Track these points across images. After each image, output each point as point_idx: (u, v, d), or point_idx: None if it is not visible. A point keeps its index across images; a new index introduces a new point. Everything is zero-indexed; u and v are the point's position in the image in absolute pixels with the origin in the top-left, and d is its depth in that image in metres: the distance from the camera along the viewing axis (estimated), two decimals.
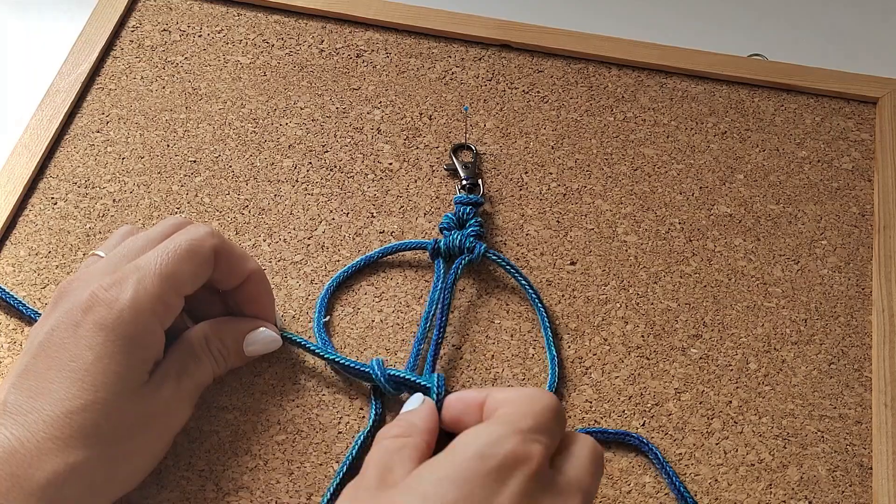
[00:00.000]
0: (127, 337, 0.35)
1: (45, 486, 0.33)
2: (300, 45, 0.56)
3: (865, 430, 0.43)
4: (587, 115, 0.54)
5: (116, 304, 0.35)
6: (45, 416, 0.33)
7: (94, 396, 0.34)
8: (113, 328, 0.35)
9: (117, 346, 0.35)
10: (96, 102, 0.53)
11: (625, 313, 0.46)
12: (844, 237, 0.50)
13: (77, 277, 0.38)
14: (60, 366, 0.34)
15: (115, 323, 0.35)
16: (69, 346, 0.35)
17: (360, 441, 0.40)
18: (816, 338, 0.46)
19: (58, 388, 0.34)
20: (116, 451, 0.35)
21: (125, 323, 0.35)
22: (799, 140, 0.53)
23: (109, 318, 0.35)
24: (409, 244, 0.47)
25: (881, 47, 0.62)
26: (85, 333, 0.35)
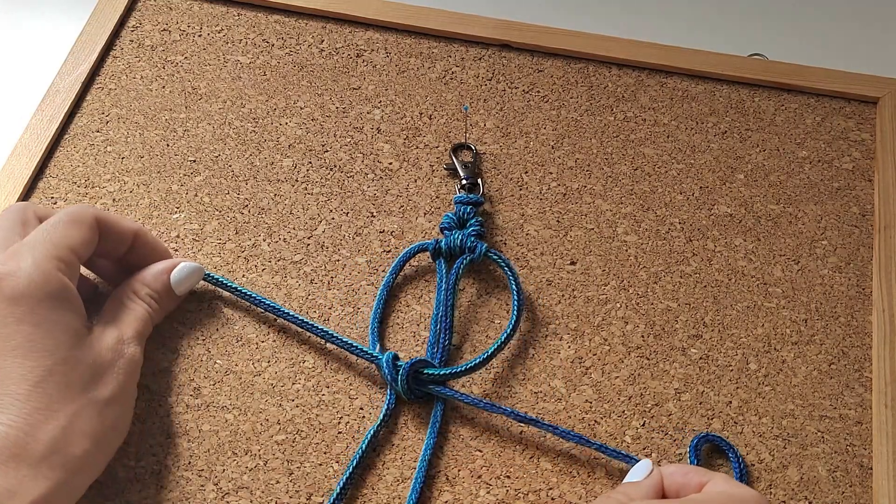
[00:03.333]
0: (47, 297, 0.36)
1: (49, 452, 0.34)
2: (300, 45, 0.56)
3: (866, 430, 0.43)
4: (587, 115, 0.54)
5: (20, 271, 0.36)
6: (19, 395, 0.34)
7: (51, 360, 0.35)
8: (29, 294, 0.36)
9: (43, 308, 0.36)
10: (96, 102, 0.53)
11: (625, 313, 0.46)
12: (845, 237, 0.49)
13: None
14: (3, 352, 0.35)
15: (27, 289, 0.36)
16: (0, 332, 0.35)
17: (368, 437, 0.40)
18: (817, 338, 0.46)
19: (14, 369, 0.35)
20: (96, 398, 0.36)
21: (37, 284, 0.36)
22: (799, 140, 0.53)
23: (20, 287, 0.36)
24: (414, 250, 0.46)
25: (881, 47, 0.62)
26: (4, 313, 0.35)
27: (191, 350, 0.44)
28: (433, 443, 0.41)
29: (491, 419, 0.42)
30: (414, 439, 0.42)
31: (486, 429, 0.42)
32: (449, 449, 0.41)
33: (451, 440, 0.42)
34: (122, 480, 0.40)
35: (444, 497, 0.40)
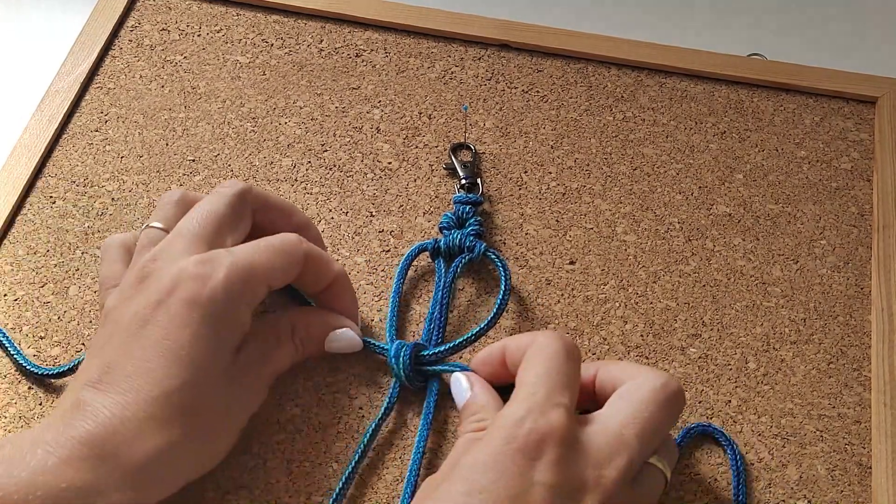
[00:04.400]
0: (218, 316, 0.35)
1: (143, 466, 0.33)
2: (299, 45, 0.56)
3: (864, 429, 0.43)
4: (586, 115, 0.54)
5: (210, 281, 0.35)
6: (145, 395, 0.33)
7: (191, 376, 0.34)
8: (205, 306, 0.35)
9: (210, 324, 0.35)
10: (95, 101, 0.53)
11: (624, 313, 0.46)
12: (843, 237, 0.50)
13: (157, 257, 0.37)
14: (155, 345, 0.34)
15: (207, 301, 0.35)
16: (162, 324, 0.34)
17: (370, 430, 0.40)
18: (815, 337, 0.46)
19: (155, 367, 0.34)
20: (205, 431, 0.35)
21: (217, 301, 0.35)
22: (798, 140, 0.53)
23: (202, 296, 0.35)
24: (415, 251, 0.46)
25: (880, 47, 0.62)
26: (177, 311, 0.35)
27: None
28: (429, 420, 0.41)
29: None
30: (414, 439, 0.41)
31: None
32: (448, 449, 0.41)
33: (450, 440, 0.42)
34: None
35: None
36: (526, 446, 0.33)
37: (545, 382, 0.35)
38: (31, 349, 0.43)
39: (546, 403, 0.34)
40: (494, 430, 0.34)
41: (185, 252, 0.37)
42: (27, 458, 0.31)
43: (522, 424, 0.33)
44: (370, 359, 0.44)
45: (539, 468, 0.32)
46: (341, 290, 0.42)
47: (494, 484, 0.32)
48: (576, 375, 0.36)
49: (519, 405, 0.34)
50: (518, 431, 0.33)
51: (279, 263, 0.38)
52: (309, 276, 0.40)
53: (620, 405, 0.36)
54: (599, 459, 0.33)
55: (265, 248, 0.38)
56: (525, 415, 0.33)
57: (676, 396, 0.36)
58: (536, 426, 0.33)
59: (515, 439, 0.33)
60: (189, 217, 0.39)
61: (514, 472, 0.32)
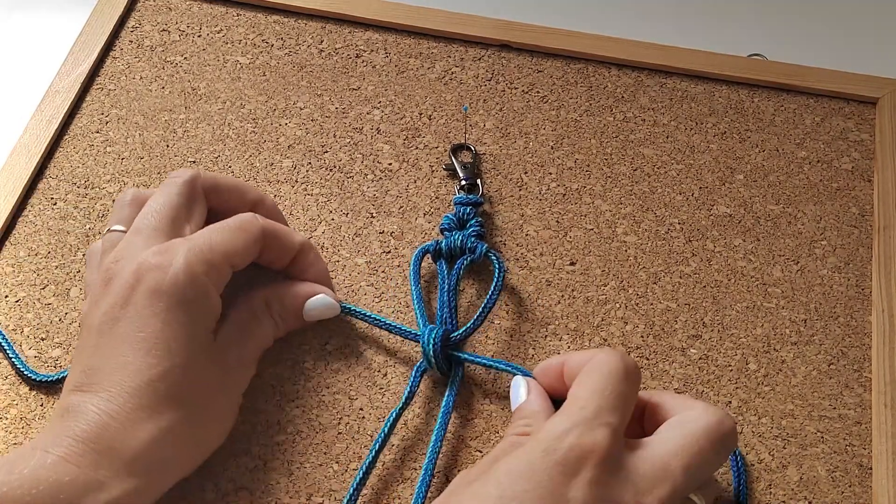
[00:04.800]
0: (186, 300, 0.36)
1: (141, 453, 0.33)
2: (299, 46, 0.56)
3: (865, 430, 0.43)
4: (587, 116, 0.54)
5: (169, 268, 0.36)
6: (129, 387, 0.34)
7: (171, 362, 0.35)
8: (169, 293, 0.35)
9: (179, 309, 0.36)
10: (96, 103, 0.53)
11: (624, 313, 0.46)
12: (844, 238, 0.50)
13: (118, 258, 0.37)
14: (128, 339, 0.35)
15: (170, 287, 0.36)
16: (132, 319, 0.35)
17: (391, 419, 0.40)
18: (816, 338, 0.46)
19: (132, 360, 0.34)
20: (199, 412, 0.36)
21: (180, 286, 0.36)
22: (799, 140, 0.53)
23: (164, 283, 0.36)
24: (419, 255, 0.46)
25: (881, 47, 0.62)
26: (144, 303, 0.35)
27: None
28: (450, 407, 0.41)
29: (490, 419, 0.42)
30: (414, 440, 0.42)
31: (485, 429, 0.42)
32: (449, 449, 0.41)
33: (450, 440, 0.42)
34: None
35: None
36: (565, 461, 0.32)
37: (596, 400, 0.34)
38: (32, 350, 0.43)
39: (593, 421, 0.33)
40: (536, 440, 0.33)
41: (144, 247, 0.37)
42: (27, 458, 0.32)
43: (565, 438, 0.32)
44: (371, 360, 0.44)
45: (575, 485, 0.31)
46: (308, 260, 0.42)
47: (527, 493, 0.31)
48: (631, 398, 0.35)
49: (564, 419, 0.33)
50: (559, 445, 0.32)
51: (238, 242, 0.38)
52: (272, 252, 0.41)
53: (671, 435, 0.34)
54: (641, 487, 0.32)
55: (221, 230, 0.38)
56: (569, 429, 0.33)
57: (730, 436, 0.35)
58: (579, 442, 0.32)
59: (555, 452, 0.32)
60: (143, 213, 0.39)
61: (549, 485, 0.31)
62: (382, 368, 0.44)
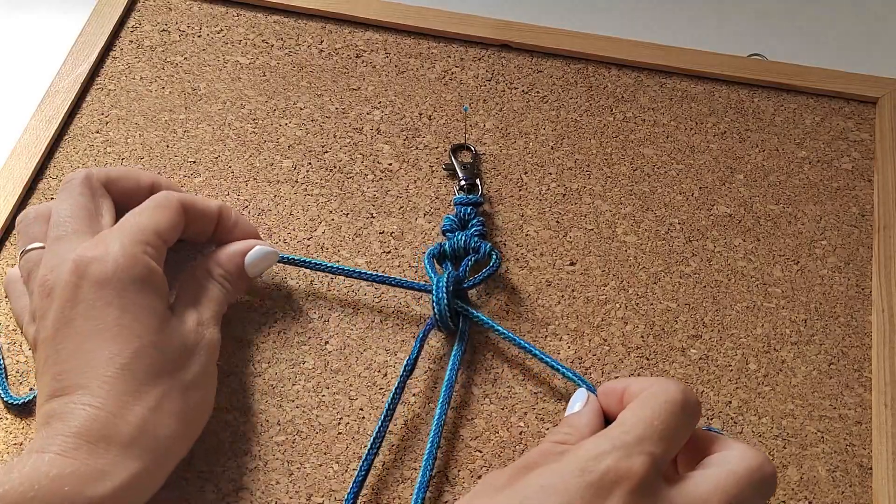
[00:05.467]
0: (133, 281, 0.36)
1: (137, 436, 0.34)
2: (300, 46, 0.56)
3: (865, 430, 0.43)
4: (587, 116, 0.54)
5: (108, 256, 0.36)
6: (105, 378, 0.34)
7: (138, 343, 0.35)
8: (116, 278, 0.36)
9: (130, 291, 0.36)
10: (96, 103, 0.53)
11: (624, 314, 0.46)
12: (844, 237, 0.50)
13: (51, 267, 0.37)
14: (89, 334, 0.35)
15: (114, 273, 0.36)
16: (86, 314, 0.35)
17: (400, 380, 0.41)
18: (816, 338, 0.46)
19: (100, 352, 0.35)
20: (178, 383, 0.36)
21: (124, 268, 0.36)
22: (799, 140, 0.53)
23: (108, 271, 0.36)
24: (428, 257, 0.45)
25: (881, 47, 0.62)
26: (92, 296, 0.35)
27: None
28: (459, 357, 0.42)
29: (491, 419, 0.42)
30: (414, 440, 0.42)
31: (485, 429, 0.42)
32: (449, 449, 0.41)
33: (450, 440, 0.42)
34: None
35: (445, 497, 0.40)
36: (599, 483, 0.31)
37: (642, 426, 0.32)
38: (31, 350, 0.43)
39: (634, 447, 0.32)
40: (573, 457, 0.32)
41: (72, 249, 0.37)
42: (24, 461, 0.32)
43: (603, 460, 0.31)
44: (371, 360, 0.44)
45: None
46: (232, 221, 0.43)
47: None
48: (683, 431, 0.34)
49: (605, 440, 0.32)
50: (596, 465, 0.31)
51: (162, 218, 0.39)
52: (195, 222, 0.41)
53: (713, 472, 0.33)
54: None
55: (142, 211, 0.39)
56: (608, 451, 0.32)
57: (771, 482, 0.33)
58: (616, 465, 0.31)
59: (591, 473, 0.31)
60: (55, 222, 0.39)
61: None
62: (382, 368, 0.44)
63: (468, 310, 0.43)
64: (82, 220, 0.39)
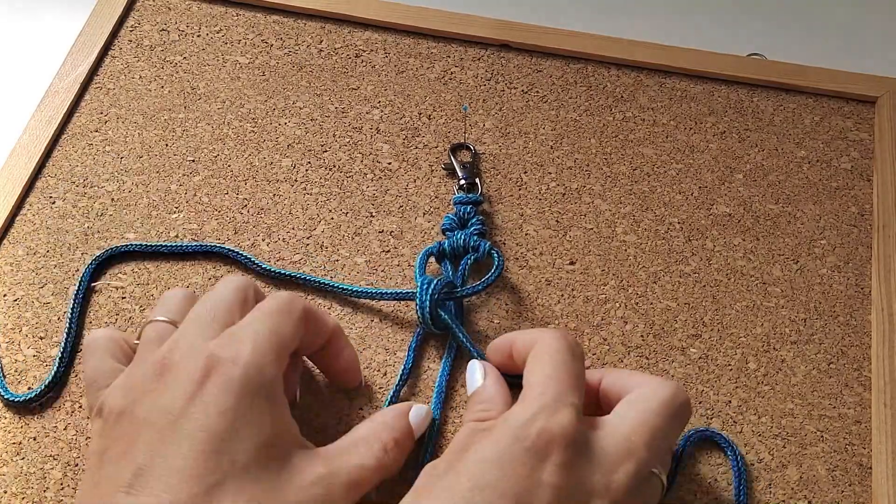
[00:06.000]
0: (257, 392, 0.33)
1: None
2: (299, 45, 0.56)
3: (865, 429, 0.43)
4: (586, 115, 0.54)
5: (239, 359, 0.33)
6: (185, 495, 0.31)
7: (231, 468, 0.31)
8: (241, 385, 0.33)
9: (247, 406, 0.32)
10: (95, 102, 0.53)
11: (624, 313, 0.46)
12: (843, 237, 0.50)
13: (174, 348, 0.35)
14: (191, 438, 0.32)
15: (241, 379, 0.33)
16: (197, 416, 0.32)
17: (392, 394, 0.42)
18: (816, 337, 0.46)
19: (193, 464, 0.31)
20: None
21: (251, 378, 0.33)
22: (798, 140, 0.53)
23: (235, 376, 0.33)
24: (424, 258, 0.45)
25: (881, 47, 0.62)
26: (211, 399, 0.32)
27: None
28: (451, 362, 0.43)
29: None
30: None
31: None
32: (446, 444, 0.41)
33: (450, 440, 0.42)
34: None
35: None
36: (535, 446, 0.33)
37: (553, 383, 0.35)
38: (31, 350, 0.43)
39: (556, 403, 0.34)
40: (504, 428, 0.34)
41: (203, 338, 0.35)
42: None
43: (532, 424, 0.33)
44: (371, 360, 0.44)
45: (547, 469, 0.32)
46: (341, 344, 0.40)
47: (500, 481, 0.32)
48: (581, 374, 0.36)
49: (528, 405, 0.34)
50: (528, 431, 0.33)
51: (289, 324, 0.36)
52: (310, 334, 0.38)
53: (629, 412, 0.35)
54: (608, 465, 0.33)
55: (270, 313, 0.36)
56: (535, 414, 0.33)
57: (684, 407, 0.36)
58: (547, 426, 0.33)
59: (525, 439, 0.33)
60: (201, 304, 0.37)
61: (522, 471, 0.32)
62: (382, 368, 0.44)
63: (450, 324, 0.43)
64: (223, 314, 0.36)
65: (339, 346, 0.40)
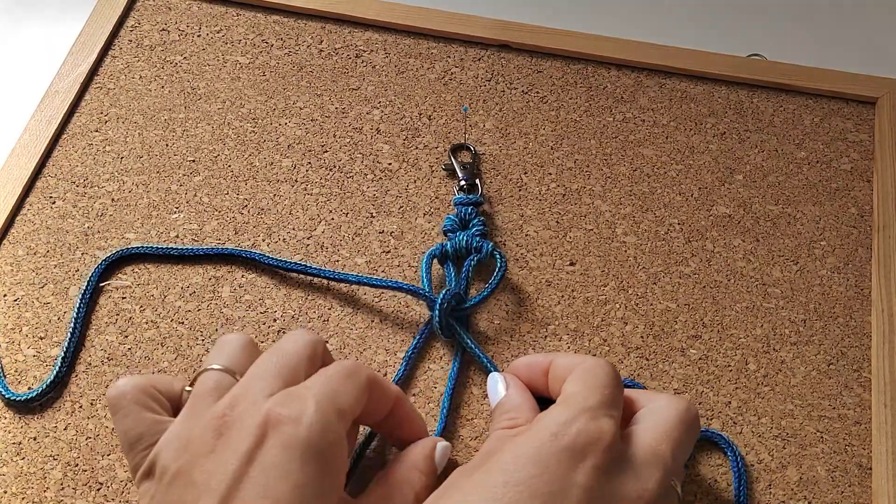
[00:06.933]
0: (317, 458, 0.31)
1: None
2: (299, 45, 0.56)
3: (865, 430, 0.43)
4: (586, 116, 0.54)
5: (303, 419, 0.31)
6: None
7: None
8: (303, 448, 0.31)
9: (310, 469, 0.31)
10: (95, 102, 0.53)
11: (624, 314, 0.46)
12: (843, 238, 0.50)
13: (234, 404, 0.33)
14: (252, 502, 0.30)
15: (305, 442, 0.31)
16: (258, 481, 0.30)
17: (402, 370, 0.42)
18: (815, 338, 0.46)
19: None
20: None
21: (314, 440, 0.31)
22: (798, 141, 0.53)
23: (299, 438, 0.31)
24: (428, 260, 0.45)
25: (880, 48, 0.62)
26: (273, 461, 0.30)
27: (190, 350, 0.44)
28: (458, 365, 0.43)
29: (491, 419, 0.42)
30: None
31: (486, 429, 0.42)
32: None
33: (450, 440, 0.42)
34: (122, 480, 0.40)
35: None
36: (573, 446, 0.32)
37: (597, 395, 0.35)
38: (31, 350, 0.43)
39: (598, 411, 0.34)
40: (541, 428, 0.33)
41: (264, 394, 0.33)
42: None
43: (572, 425, 0.33)
44: (371, 360, 0.44)
45: (581, 470, 0.32)
46: (405, 410, 0.38)
47: (534, 479, 0.31)
48: (621, 401, 0.36)
49: (569, 408, 0.34)
50: (567, 430, 0.33)
51: (353, 389, 0.34)
52: (373, 402, 0.36)
53: (651, 423, 0.36)
54: (641, 473, 0.33)
55: (335, 376, 0.34)
56: (576, 416, 0.33)
57: (697, 420, 0.37)
58: (587, 428, 0.33)
59: (564, 437, 0.33)
60: (268, 357, 0.35)
61: (557, 469, 0.32)
62: (382, 368, 0.44)
63: (460, 332, 0.43)
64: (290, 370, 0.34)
65: (404, 412, 0.38)
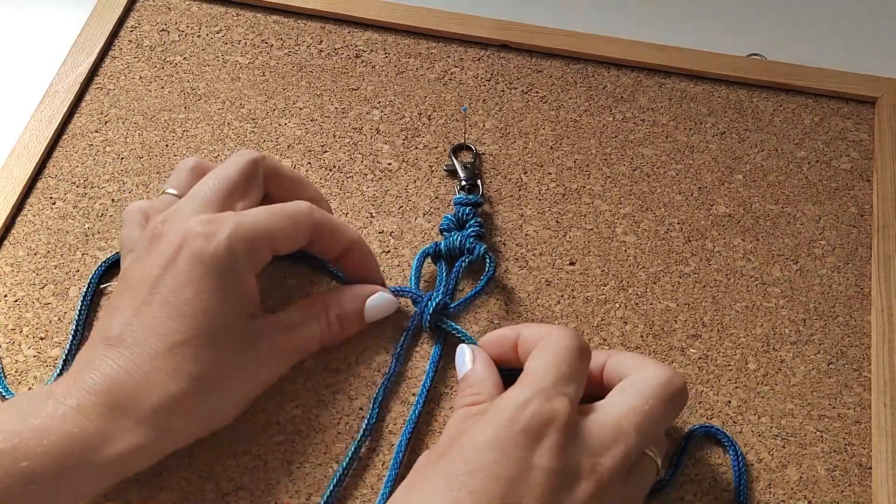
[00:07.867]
0: (221, 274, 0.36)
1: (153, 414, 0.34)
2: (299, 46, 0.56)
3: (864, 429, 0.43)
4: (586, 116, 0.54)
5: (213, 239, 0.36)
6: (150, 350, 0.35)
7: (194, 332, 0.36)
8: (208, 262, 0.36)
9: (213, 281, 0.36)
10: (95, 102, 0.53)
11: (624, 313, 0.46)
12: (843, 237, 0.50)
13: (167, 219, 0.38)
14: (161, 302, 0.36)
15: (210, 258, 0.36)
16: (168, 282, 0.36)
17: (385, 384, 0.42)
18: (815, 338, 0.46)
19: (160, 323, 0.35)
20: (210, 389, 0.36)
21: (219, 259, 0.36)
22: (798, 140, 0.53)
23: (206, 252, 0.36)
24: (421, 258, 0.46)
25: (879, 47, 0.62)
26: (182, 268, 0.36)
27: None
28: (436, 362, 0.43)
29: None
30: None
31: None
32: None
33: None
34: (122, 480, 0.40)
35: None
36: (529, 429, 0.33)
37: (554, 372, 0.35)
38: (31, 350, 0.43)
39: (552, 390, 0.34)
40: (498, 411, 0.34)
41: (193, 213, 0.38)
42: (39, 408, 0.33)
43: (527, 407, 0.34)
44: (371, 360, 0.44)
45: (539, 452, 0.33)
46: (359, 256, 0.43)
47: (495, 464, 0.33)
48: (584, 373, 0.37)
49: (525, 389, 0.35)
50: (522, 413, 0.34)
51: (285, 228, 0.39)
52: (322, 244, 0.41)
53: (622, 397, 0.36)
54: (596, 448, 0.34)
55: (272, 213, 0.39)
56: (531, 397, 0.34)
57: (679, 393, 0.37)
58: (541, 410, 0.34)
59: (519, 421, 0.33)
60: (202, 182, 0.40)
61: (515, 453, 0.33)
62: (382, 368, 0.44)
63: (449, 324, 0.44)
64: (222, 193, 0.40)
65: (357, 257, 0.43)
